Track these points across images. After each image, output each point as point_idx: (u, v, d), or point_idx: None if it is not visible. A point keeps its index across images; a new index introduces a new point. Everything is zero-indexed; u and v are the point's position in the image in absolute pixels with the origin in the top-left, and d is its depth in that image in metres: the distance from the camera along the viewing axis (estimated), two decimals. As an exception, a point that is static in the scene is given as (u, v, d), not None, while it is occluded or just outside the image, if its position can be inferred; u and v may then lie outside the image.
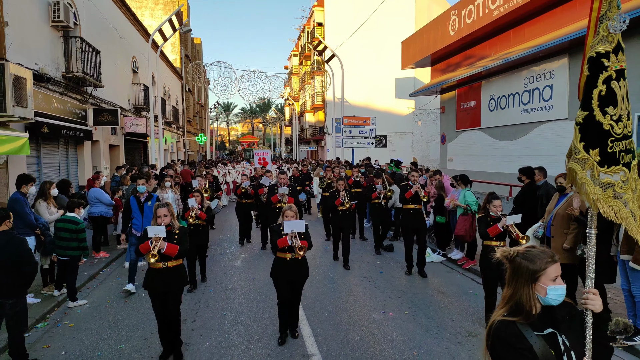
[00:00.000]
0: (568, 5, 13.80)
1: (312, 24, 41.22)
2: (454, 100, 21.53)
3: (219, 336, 5.78)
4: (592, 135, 2.54)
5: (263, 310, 6.65)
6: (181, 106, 38.57)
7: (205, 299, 7.23)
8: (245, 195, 11.35)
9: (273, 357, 5.20)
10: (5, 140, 8.78)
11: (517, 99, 16.59)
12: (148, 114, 19.58)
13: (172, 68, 35.10)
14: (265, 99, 30.39)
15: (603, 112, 2.52)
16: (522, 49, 15.02)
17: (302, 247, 5.21)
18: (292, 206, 5.51)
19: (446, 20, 19.97)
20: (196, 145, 49.20)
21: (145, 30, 23.41)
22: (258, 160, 21.24)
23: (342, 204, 9.06)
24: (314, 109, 44.14)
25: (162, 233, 4.83)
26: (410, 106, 36.24)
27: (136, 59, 21.92)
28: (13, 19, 10.13)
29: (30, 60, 10.92)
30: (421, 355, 5.19)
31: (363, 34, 34.82)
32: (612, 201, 2.52)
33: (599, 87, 2.52)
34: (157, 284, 4.95)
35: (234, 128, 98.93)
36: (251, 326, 6.09)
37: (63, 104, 12.70)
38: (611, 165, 2.53)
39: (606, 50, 2.52)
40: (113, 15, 18.30)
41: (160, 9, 36.69)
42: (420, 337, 5.64)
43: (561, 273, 2.18)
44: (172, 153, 33.93)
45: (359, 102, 36.54)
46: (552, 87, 14.70)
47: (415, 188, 8.48)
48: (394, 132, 35.46)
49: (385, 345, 5.43)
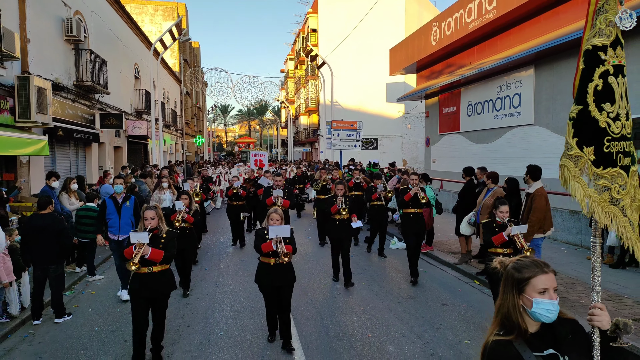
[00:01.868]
0: (534, 20, 15.19)
1: (307, 30, 42.64)
2: (437, 106, 22.91)
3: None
4: (586, 131, 2.42)
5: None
6: (179, 109, 39.92)
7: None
8: (235, 197, 11.15)
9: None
10: (30, 143, 10.11)
11: (491, 106, 17.98)
12: (149, 117, 20.92)
13: (171, 72, 36.44)
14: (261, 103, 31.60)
15: (599, 108, 2.40)
16: (494, 60, 16.42)
17: (287, 254, 5.06)
18: (278, 209, 5.39)
19: (429, 30, 21.37)
20: (194, 147, 50.56)
21: (146, 38, 24.77)
22: (254, 162, 20.68)
23: (338, 212, 7.81)
24: (308, 112, 45.56)
25: (145, 239, 4.64)
26: (400, 110, 37.63)
27: (138, 66, 23.28)
28: (33, 35, 11.49)
29: (47, 72, 12.27)
30: (367, 310, 6.69)
31: (355, 40, 36.24)
32: (608, 207, 2.39)
33: (594, 81, 2.41)
34: (141, 289, 4.82)
35: (231, 129, 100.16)
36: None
37: (74, 110, 14.06)
38: (607, 167, 2.39)
39: (603, 43, 2.42)
40: (117, 25, 19.66)
41: (159, 15, 38.04)
42: (369, 299, 7.18)
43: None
44: (171, 154, 35.26)
45: (352, 106, 37.94)
46: (521, 95, 16.08)
47: (414, 190, 8.17)
48: (385, 134, 36.86)
49: (341, 303, 6.85)
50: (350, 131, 20.70)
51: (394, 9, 37.48)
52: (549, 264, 2.05)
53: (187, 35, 21.77)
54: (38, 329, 6.09)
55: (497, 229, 5.60)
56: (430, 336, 5.74)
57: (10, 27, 9.79)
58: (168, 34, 19.30)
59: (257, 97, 25.39)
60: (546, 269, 2.00)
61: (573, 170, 2.41)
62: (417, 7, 37.88)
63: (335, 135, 20.21)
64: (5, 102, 10.06)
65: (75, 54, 14.28)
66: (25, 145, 10.00)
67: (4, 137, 9.15)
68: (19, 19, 10.71)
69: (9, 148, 9.34)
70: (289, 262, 5.28)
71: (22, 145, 9.87)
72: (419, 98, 25.26)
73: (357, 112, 36.56)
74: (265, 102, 51.69)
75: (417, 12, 37.48)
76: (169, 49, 39.20)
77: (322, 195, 11.70)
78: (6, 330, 5.81)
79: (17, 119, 10.29)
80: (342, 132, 20.52)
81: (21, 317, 6.24)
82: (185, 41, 30.78)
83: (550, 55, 14.14)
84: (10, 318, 6.15)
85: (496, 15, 15.74)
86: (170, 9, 38.29)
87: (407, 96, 25.79)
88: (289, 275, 5.35)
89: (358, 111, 37.02)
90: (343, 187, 7.98)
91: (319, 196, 12.17)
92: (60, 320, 6.27)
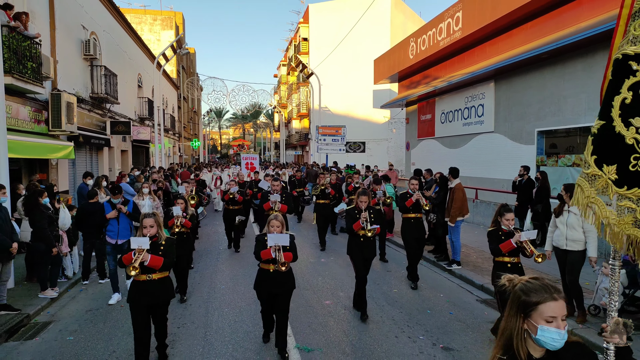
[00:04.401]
0: (493, 41, 17.34)
1: (298, 39, 44.77)
2: (415, 113, 25.07)
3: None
4: (608, 148, 2.29)
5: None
6: (177, 114, 41.90)
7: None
8: (232, 201, 11.00)
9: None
10: (60, 148, 12.12)
11: (460, 114, 20.16)
12: (150, 122, 22.91)
13: (169, 79, 38.42)
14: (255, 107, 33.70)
15: (626, 124, 2.24)
16: (462, 74, 18.58)
17: (284, 262, 4.99)
18: (279, 216, 5.27)
19: (407, 45, 23.55)
20: (190, 149, 52.59)
21: (149, 51, 26.78)
22: (245, 165, 20.48)
23: (362, 228, 6.60)
24: (299, 117, 47.69)
25: (145, 245, 4.61)
26: (386, 115, 39.78)
27: (141, 76, 25.29)
28: (60, 57, 13.51)
29: (70, 87, 14.28)
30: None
31: (345, 49, 38.38)
32: (630, 229, 2.24)
33: (622, 94, 2.26)
34: (141, 297, 4.77)
35: (225, 132, 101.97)
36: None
37: (90, 119, 16.07)
38: (633, 187, 2.23)
39: (636, 51, 2.24)
40: (124, 40, 21.68)
41: (158, 24, 40.02)
42: (344, 279, 8.93)
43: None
44: (169, 157, 37.25)
45: (340, 111, 40.08)
46: (484, 105, 18.25)
47: (416, 196, 7.95)
48: (372, 138, 39.03)
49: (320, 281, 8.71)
50: (335, 136, 22.76)
51: (381, 20, 39.68)
52: (560, 289, 1.91)
53: (185, 49, 23.76)
54: (87, 287, 8.20)
55: (504, 236, 5.39)
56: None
57: (45, 52, 11.81)
58: (166, 44, 21.33)
59: (251, 102, 27.35)
60: (556, 295, 1.88)
61: (587, 191, 2.27)
62: (402, 18, 40.10)
63: (322, 140, 22.26)
64: (41, 114, 12.09)
65: (91, 70, 16.30)
66: (57, 150, 12.00)
67: (42, 144, 11.17)
68: (50, 45, 12.73)
69: (46, 152, 11.37)
70: (289, 270, 5.21)
71: (55, 150, 11.88)
72: (400, 105, 27.41)
73: (345, 117, 38.69)
74: (260, 105, 53.71)
75: (402, 23, 39.69)
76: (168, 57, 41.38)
77: (322, 200, 11.81)
78: (65, 287, 7.97)
79: (50, 128, 12.32)
80: (328, 137, 22.58)
81: (74, 279, 8.40)
82: (184, 54, 32.79)
83: (507, 71, 16.26)
84: (67, 279, 8.30)
85: (462, 35, 17.91)
86: (168, 19, 40.28)
87: (389, 104, 27.93)
88: (287, 283, 5.26)
89: (346, 116, 39.15)
90: (367, 198, 6.70)
91: (318, 201, 12.06)
92: (102, 281, 8.35)
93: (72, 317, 6.73)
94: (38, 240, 7.02)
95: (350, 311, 6.95)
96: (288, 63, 52.38)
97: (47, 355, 5.45)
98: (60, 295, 7.59)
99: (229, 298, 7.51)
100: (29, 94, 11.13)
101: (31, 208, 6.90)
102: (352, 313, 6.85)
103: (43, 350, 5.56)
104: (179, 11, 42.19)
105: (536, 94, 14.88)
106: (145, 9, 40.44)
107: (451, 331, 6.15)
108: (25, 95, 11.11)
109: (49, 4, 12.67)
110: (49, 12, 12.67)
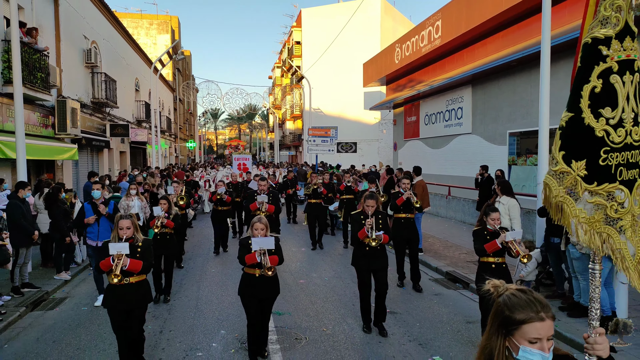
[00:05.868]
0: (470, 48, 18.49)
1: (292, 42, 45.90)
2: (402, 115, 26.22)
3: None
4: (577, 142, 2.13)
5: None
6: (173, 115, 42.93)
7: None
8: (220, 202, 10.82)
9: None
10: (66, 150, 13.19)
11: (442, 117, 21.30)
12: (147, 124, 23.98)
13: (165, 82, 39.45)
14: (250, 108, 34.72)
15: (596, 115, 2.08)
16: (442, 79, 19.71)
17: (270, 267, 4.83)
18: (262, 218, 5.14)
19: (393, 51, 24.71)
20: (186, 150, 53.63)
21: (146, 56, 27.86)
22: (238, 166, 20.41)
23: (367, 236, 5.90)
24: (293, 118, 48.84)
25: (125, 250, 4.51)
26: (377, 116, 40.90)
27: (138, 80, 26.37)
28: (65, 66, 14.59)
29: (74, 93, 15.35)
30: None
31: (337, 52, 39.51)
32: (601, 227, 2.11)
33: (592, 82, 2.08)
34: (117, 301, 4.68)
35: (221, 132, 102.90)
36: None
37: (92, 122, 17.15)
38: (603, 182, 2.10)
39: (607, 35, 2.06)
40: (122, 47, 22.75)
41: (154, 28, 41.03)
42: (319, 263, 10.05)
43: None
44: (165, 157, 38.29)
45: (333, 112, 41.20)
46: (462, 108, 19.39)
47: (407, 195, 7.90)
48: (363, 139, 40.20)
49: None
50: (324, 137, 23.82)
51: (371, 24, 40.86)
52: (548, 304, 1.71)
53: (181, 55, 24.83)
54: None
55: (489, 236, 5.34)
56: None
57: (51, 63, 12.89)
58: (162, 49, 22.44)
59: (245, 104, 28.39)
60: (544, 313, 1.66)
61: (555, 190, 2.14)
62: (392, 22, 41.28)
63: (312, 141, 23.34)
64: (48, 119, 13.18)
65: (92, 77, 17.38)
66: (63, 152, 13.08)
67: (50, 147, 12.26)
68: (56, 55, 13.81)
69: (53, 154, 12.45)
70: (274, 274, 5.09)
71: (61, 152, 12.96)
72: (387, 107, 28.57)
73: (338, 118, 39.82)
74: (255, 107, 54.82)
75: (392, 27, 40.86)
76: (164, 60, 42.45)
77: (314, 200, 11.80)
78: (76, 271, 9.07)
79: (57, 132, 13.40)
80: (318, 139, 23.64)
81: (83, 265, 9.51)
82: (180, 60, 33.85)
83: (483, 77, 17.39)
84: (77, 265, 9.42)
85: (441, 42, 19.06)
86: (164, 23, 41.30)
87: (378, 106, 29.08)
88: (274, 287, 5.16)
89: (339, 117, 40.27)
90: (375, 202, 6.05)
91: (310, 200, 11.99)
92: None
93: (85, 294, 7.85)
94: (54, 231, 8.11)
95: (320, 288, 8.10)
96: (282, 65, 53.54)
97: (67, 320, 6.60)
98: (72, 277, 8.67)
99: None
100: (38, 101, 12.22)
101: (51, 203, 8.01)
102: (322, 290, 7.97)
103: (63, 317, 6.72)
104: (174, 15, 43.27)
105: (507, 98, 16.03)
106: (141, 14, 41.51)
107: (400, 301, 7.38)
108: (34, 102, 12.19)
109: (55, 18, 13.78)
110: (54, 25, 13.77)
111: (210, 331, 6.15)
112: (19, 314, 6.59)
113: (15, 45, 8.23)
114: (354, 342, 5.75)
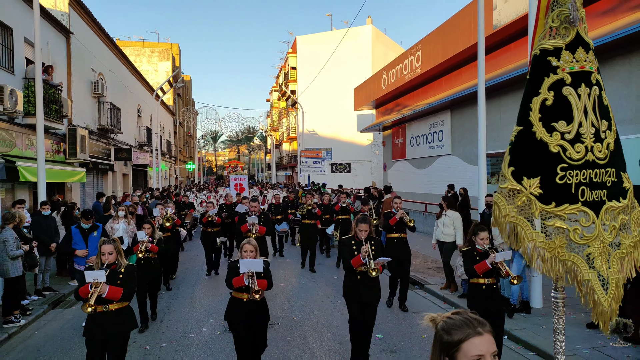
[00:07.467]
0: (448, 77, 19.99)
1: (287, 67, 47.74)
2: (390, 137, 27.64)
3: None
4: (528, 158, 1.99)
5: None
6: (173, 138, 44.47)
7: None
8: (210, 223, 10.70)
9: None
10: (75, 173, 14.53)
11: (425, 139, 22.70)
12: (148, 148, 25.39)
13: (166, 107, 41.08)
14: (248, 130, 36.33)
15: (549, 129, 1.96)
16: (425, 104, 21.18)
17: (258, 290, 4.62)
18: (252, 240, 4.95)
19: (380, 77, 26.29)
20: (185, 172, 55.09)
21: (148, 84, 29.47)
22: (234, 187, 20.14)
23: (364, 265, 5.45)
24: (289, 140, 50.40)
25: (101, 278, 4.29)
26: (369, 138, 42.45)
27: (140, 106, 27.92)
28: (74, 97, 16.05)
29: (82, 121, 16.78)
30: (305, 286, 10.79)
31: (331, 76, 41.22)
32: (565, 253, 1.90)
33: (542, 95, 1.99)
34: (95, 330, 4.44)
35: (221, 154, 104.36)
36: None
37: (98, 147, 18.55)
38: (563, 203, 1.91)
39: (556, 45, 2.00)
40: (125, 76, 24.33)
41: (155, 56, 42.85)
42: (299, 270, 11.25)
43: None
44: (165, 179, 39.66)
45: (327, 134, 42.73)
46: (443, 131, 20.79)
47: (400, 214, 7.80)
48: (356, 159, 41.64)
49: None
50: (316, 159, 25.21)
51: (363, 51, 42.73)
52: (485, 322, 1.62)
53: (182, 83, 26.42)
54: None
55: (479, 257, 5.20)
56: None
57: (63, 95, 14.35)
58: (164, 74, 24.02)
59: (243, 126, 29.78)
60: (481, 328, 1.58)
61: (505, 209, 1.92)
62: (383, 48, 43.14)
63: (304, 162, 24.69)
64: (60, 146, 14.57)
65: (98, 106, 18.86)
66: (73, 175, 14.42)
67: (62, 170, 13.61)
68: (67, 88, 15.29)
69: (65, 177, 13.79)
70: (263, 299, 4.86)
71: (71, 175, 14.30)
72: (377, 130, 30.02)
73: (332, 139, 41.33)
74: (253, 129, 56.36)
75: (383, 52, 42.69)
76: (164, 87, 44.23)
77: (308, 220, 11.61)
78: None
79: (67, 157, 14.78)
80: (310, 160, 25.00)
81: None
82: (181, 87, 35.54)
83: (460, 102, 18.82)
84: None
85: (422, 70, 20.59)
86: (165, 51, 43.14)
87: (368, 128, 30.54)
88: (262, 313, 4.89)
89: (333, 139, 41.77)
90: (368, 226, 5.63)
91: (304, 221, 11.72)
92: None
93: (95, 298, 9.00)
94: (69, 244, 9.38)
95: (296, 289, 9.16)
96: (279, 90, 55.40)
97: (83, 315, 7.61)
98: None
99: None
100: (52, 130, 13.61)
101: (67, 219, 9.31)
102: (297, 290, 9.01)
103: (79, 313, 7.84)
104: (175, 43, 45.22)
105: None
106: (143, 42, 43.35)
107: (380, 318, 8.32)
108: (49, 131, 13.56)
109: (67, 55, 15.31)
110: (66, 62, 15.28)
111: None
112: (43, 310, 7.86)
113: (39, 86, 9.64)
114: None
